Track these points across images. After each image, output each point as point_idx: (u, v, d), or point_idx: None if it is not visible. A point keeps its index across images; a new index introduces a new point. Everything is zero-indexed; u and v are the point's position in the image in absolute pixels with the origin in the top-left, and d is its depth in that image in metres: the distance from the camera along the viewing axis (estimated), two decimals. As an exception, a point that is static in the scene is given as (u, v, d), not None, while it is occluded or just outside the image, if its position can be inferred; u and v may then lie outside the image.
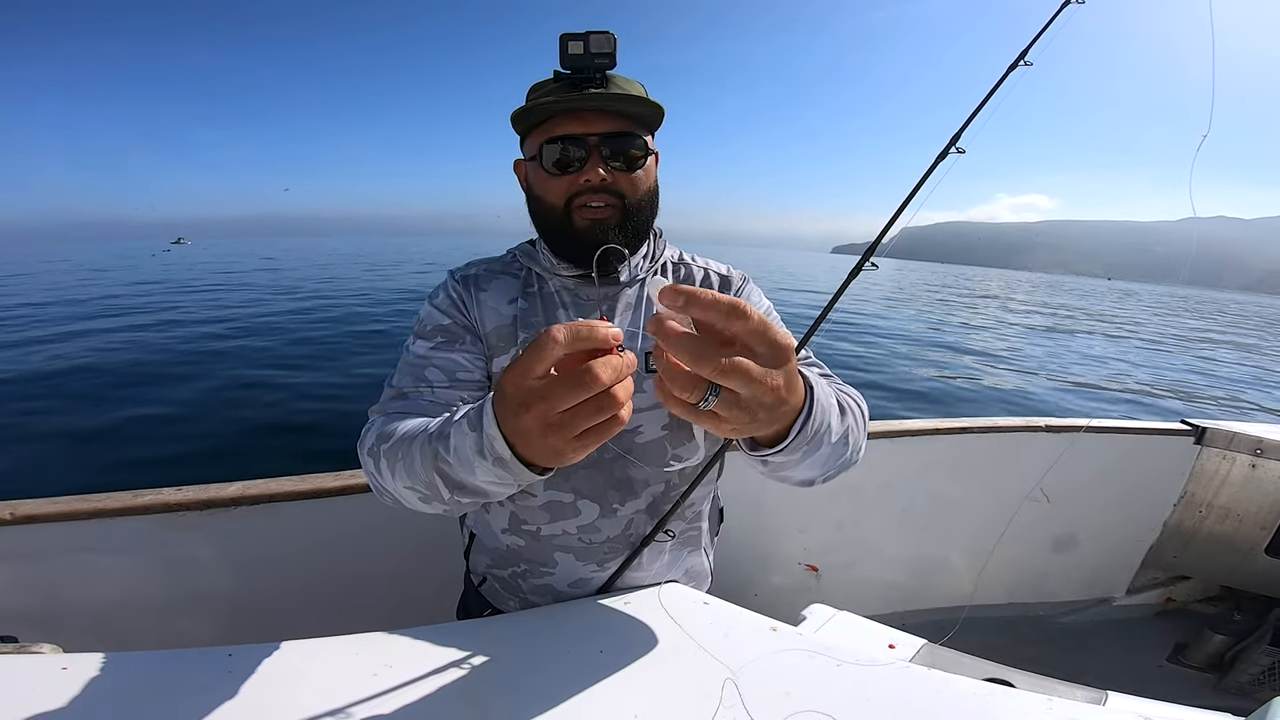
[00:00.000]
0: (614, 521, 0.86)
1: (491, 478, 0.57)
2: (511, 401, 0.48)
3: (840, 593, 1.83)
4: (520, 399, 0.47)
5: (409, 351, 0.85)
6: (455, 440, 0.59)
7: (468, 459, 0.57)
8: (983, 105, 0.85)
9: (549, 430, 0.46)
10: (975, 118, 0.86)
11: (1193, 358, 13.65)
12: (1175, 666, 1.84)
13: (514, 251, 0.95)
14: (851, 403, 0.75)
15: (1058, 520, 1.91)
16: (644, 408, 0.85)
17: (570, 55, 0.79)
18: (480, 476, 0.58)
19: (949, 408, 6.54)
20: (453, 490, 0.62)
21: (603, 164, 0.81)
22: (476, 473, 0.57)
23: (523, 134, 0.87)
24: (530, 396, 0.46)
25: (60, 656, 0.66)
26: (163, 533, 1.23)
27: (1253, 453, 1.85)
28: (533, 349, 0.45)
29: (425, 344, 0.84)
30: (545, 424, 0.46)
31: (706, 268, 0.98)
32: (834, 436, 0.65)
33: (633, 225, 0.85)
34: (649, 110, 0.83)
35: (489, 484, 0.59)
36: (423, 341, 0.85)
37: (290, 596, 1.34)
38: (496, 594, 0.94)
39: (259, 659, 0.66)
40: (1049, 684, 0.92)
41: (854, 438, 0.71)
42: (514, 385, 0.47)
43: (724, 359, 0.45)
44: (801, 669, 0.68)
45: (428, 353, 0.83)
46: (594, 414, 0.45)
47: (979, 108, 0.85)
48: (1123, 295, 56.19)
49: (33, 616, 1.18)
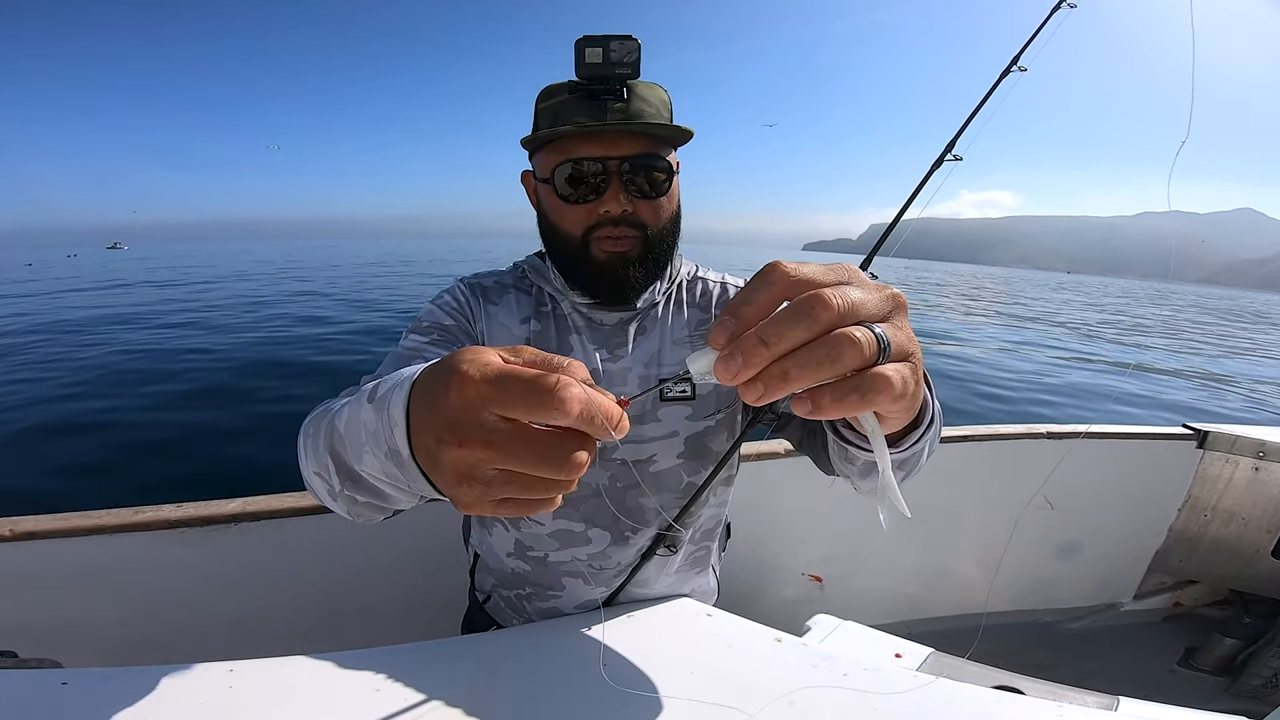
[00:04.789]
0: (626, 550, 0.84)
1: (380, 474, 0.44)
2: (444, 424, 0.33)
3: (845, 603, 1.82)
4: (459, 429, 0.33)
5: (401, 345, 0.79)
6: (350, 411, 0.46)
7: (358, 439, 0.45)
8: (977, 111, 0.85)
9: (467, 480, 0.33)
10: (970, 124, 0.87)
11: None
12: (1186, 671, 1.82)
13: (522, 266, 0.91)
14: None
15: (1062, 526, 1.90)
16: (658, 436, 0.82)
17: (588, 64, 0.72)
18: (368, 466, 0.45)
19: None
20: (344, 480, 0.50)
21: (623, 191, 0.75)
22: (365, 460, 0.45)
23: (533, 150, 0.82)
24: (475, 432, 0.32)
25: (59, 672, 0.65)
26: (163, 549, 1.22)
27: (1256, 456, 1.84)
28: (528, 386, 0.31)
29: (420, 338, 0.79)
30: (468, 471, 0.33)
31: (723, 281, 0.94)
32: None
33: (654, 256, 0.81)
34: (675, 134, 0.77)
35: (379, 480, 0.46)
36: (417, 336, 0.79)
37: (292, 612, 1.33)
38: (501, 612, 0.93)
39: (260, 675, 0.65)
40: (1059, 690, 0.91)
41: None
42: (465, 406, 0.32)
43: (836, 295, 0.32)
44: (807, 679, 0.67)
45: (420, 346, 0.77)
46: (536, 488, 0.33)
47: (974, 113, 0.86)
48: (1155, 297, 54.88)
49: (31, 632, 1.17)
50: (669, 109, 0.79)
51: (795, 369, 0.31)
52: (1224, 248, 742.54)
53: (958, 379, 7.13)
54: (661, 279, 0.88)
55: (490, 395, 0.32)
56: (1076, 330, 14.52)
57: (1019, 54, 0.88)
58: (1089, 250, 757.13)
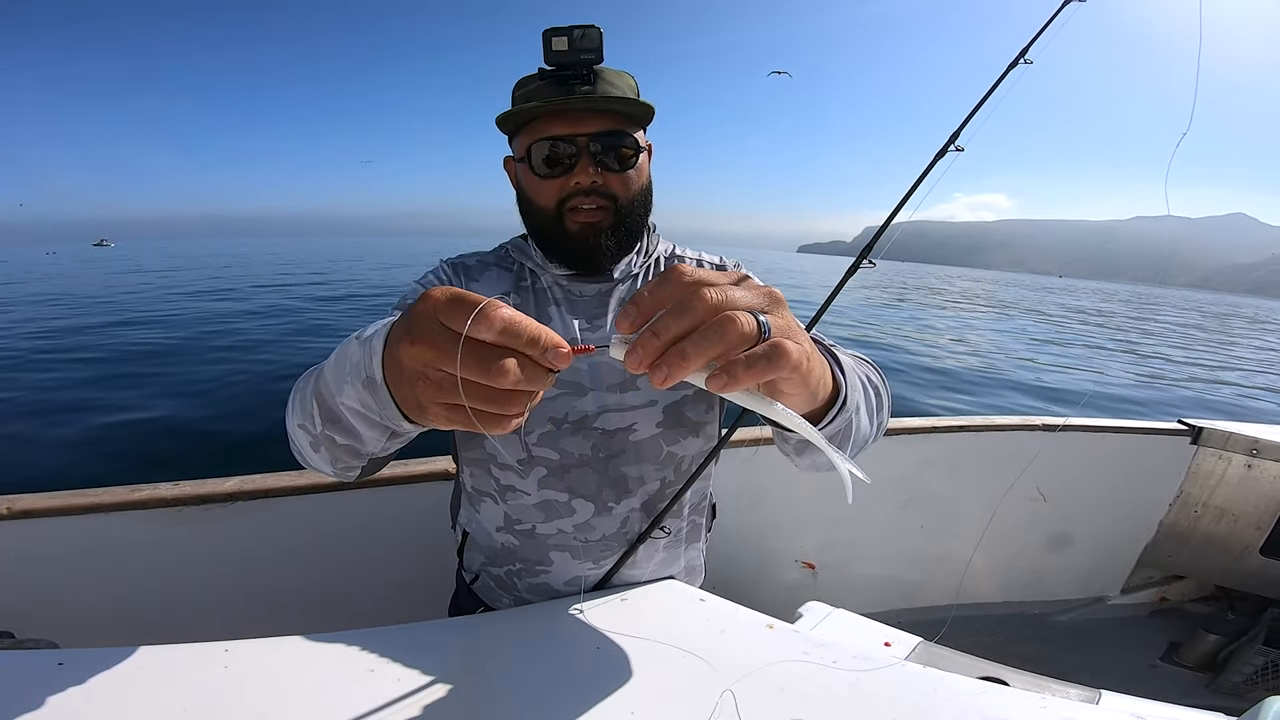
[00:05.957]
0: (609, 520, 0.86)
1: (356, 403, 0.52)
2: (405, 325, 0.41)
3: (837, 590, 1.84)
4: (414, 329, 0.40)
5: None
6: (340, 349, 0.55)
7: (342, 371, 0.53)
8: (982, 103, 0.85)
9: (422, 379, 0.41)
10: (975, 116, 0.86)
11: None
12: (1169, 666, 1.85)
13: (506, 246, 0.95)
14: (871, 371, 0.75)
15: (1053, 519, 1.91)
16: (638, 405, 0.85)
17: (555, 52, 0.78)
18: (347, 397, 0.53)
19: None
20: (325, 422, 0.58)
21: (593, 164, 0.80)
22: (344, 390, 0.52)
23: (510, 133, 0.87)
24: (426, 335, 0.39)
25: (56, 652, 0.65)
26: (159, 528, 1.23)
27: (1248, 453, 1.85)
28: (464, 305, 0.38)
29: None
30: (422, 371, 0.41)
31: (699, 258, 0.98)
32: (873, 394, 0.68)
33: (625, 226, 0.85)
34: (638, 109, 0.82)
35: (354, 412, 0.54)
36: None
37: (287, 592, 1.34)
38: (490, 591, 0.94)
39: (255, 654, 0.66)
40: (1043, 682, 0.92)
41: (885, 399, 0.74)
42: (423, 312, 0.40)
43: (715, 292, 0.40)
44: (797, 666, 0.68)
45: None
46: (480, 399, 0.40)
47: (978, 105, 0.85)
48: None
49: (28, 612, 1.17)
50: (635, 93, 0.84)
51: (690, 347, 0.38)
52: (1216, 252, 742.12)
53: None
54: (638, 252, 0.92)
55: (441, 306, 0.39)
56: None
57: (1027, 46, 0.87)
58: (1083, 254, 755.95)
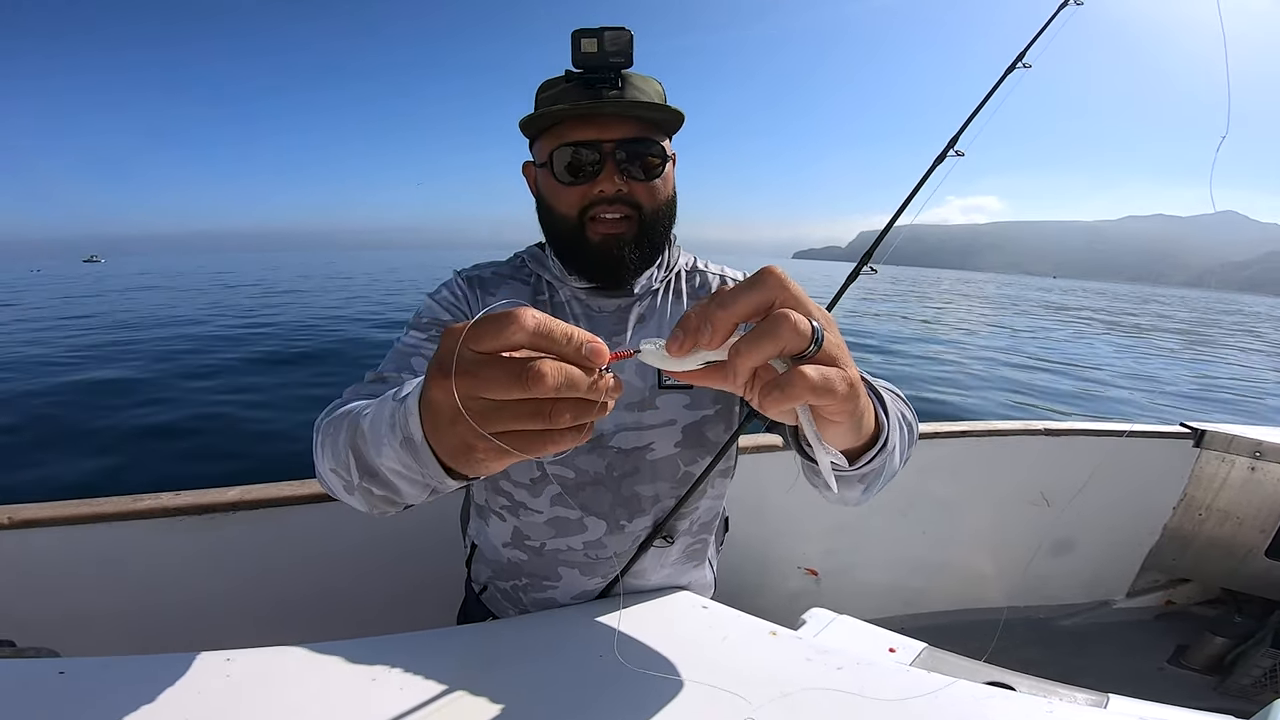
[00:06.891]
0: (621, 538, 0.85)
1: (397, 464, 0.48)
2: (435, 365, 0.39)
3: (841, 596, 1.83)
4: (444, 365, 0.37)
5: (400, 341, 0.81)
6: (375, 410, 0.51)
7: (379, 432, 0.49)
8: (981, 107, 0.85)
9: (462, 418, 0.37)
10: (974, 120, 0.86)
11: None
12: (1176, 669, 1.83)
13: (522, 256, 0.92)
14: (905, 408, 0.67)
15: (1057, 523, 1.90)
16: (656, 424, 0.83)
17: (583, 54, 0.75)
18: (386, 459, 0.49)
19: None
20: (363, 475, 0.54)
21: (618, 172, 0.77)
22: (383, 452, 0.49)
23: (532, 137, 0.84)
24: (459, 367, 0.37)
25: (57, 661, 0.65)
26: (161, 538, 1.22)
27: (1252, 455, 1.85)
28: (491, 320, 0.36)
29: (419, 335, 0.81)
30: (460, 406, 0.37)
31: (721, 274, 0.95)
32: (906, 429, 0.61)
33: (649, 238, 0.82)
34: (668, 115, 0.79)
35: (395, 472, 0.50)
36: (417, 333, 0.81)
37: (290, 601, 1.34)
38: (497, 603, 0.93)
39: (257, 664, 0.65)
40: (1050, 687, 0.91)
41: (914, 435, 0.66)
42: (447, 345, 0.38)
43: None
44: (801, 673, 0.68)
45: (419, 342, 0.80)
46: (525, 418, 0.36)
47: (977, 109, 0.85)
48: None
49: (29, 621, 1.17)
50: (663, 99, 0.81)
51: (743, 344, 0.37)
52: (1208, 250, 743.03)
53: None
54: (660, 266, 0.89)
55: (468, 334, 0.36)
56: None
57: (1025, 49, 0.87)
58: (1075, 254, 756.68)
